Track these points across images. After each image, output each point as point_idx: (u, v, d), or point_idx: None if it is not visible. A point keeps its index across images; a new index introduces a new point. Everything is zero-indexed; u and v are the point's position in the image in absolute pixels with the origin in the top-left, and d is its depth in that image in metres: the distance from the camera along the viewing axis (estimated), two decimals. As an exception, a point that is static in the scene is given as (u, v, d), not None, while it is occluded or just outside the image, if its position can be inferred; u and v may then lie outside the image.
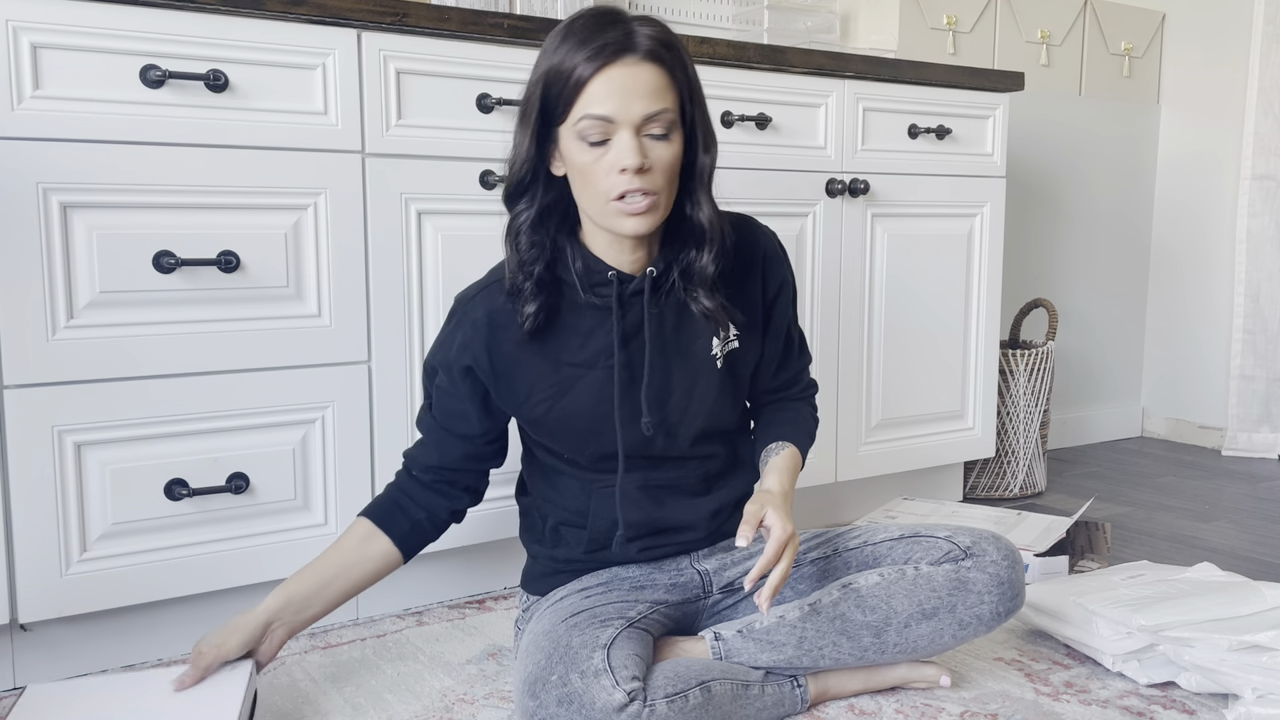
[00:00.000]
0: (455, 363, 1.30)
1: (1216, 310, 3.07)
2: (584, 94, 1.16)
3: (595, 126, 1.16)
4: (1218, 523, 2.30)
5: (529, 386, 1.30)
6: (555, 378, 1.30)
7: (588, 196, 1.21)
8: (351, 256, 1.55)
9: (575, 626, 1.23)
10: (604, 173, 1.18)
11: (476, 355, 1.29)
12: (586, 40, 1.16)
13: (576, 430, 1.31)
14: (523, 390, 1.31)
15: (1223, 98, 3.03)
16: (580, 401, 1.30)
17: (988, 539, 1.36)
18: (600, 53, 1.15)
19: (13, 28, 1.30)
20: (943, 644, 1.33)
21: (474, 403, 1.33)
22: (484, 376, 1.30)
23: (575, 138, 1.18)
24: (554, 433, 1.33)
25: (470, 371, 1.30)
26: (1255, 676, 1.30)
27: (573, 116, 1.17)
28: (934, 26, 2.64)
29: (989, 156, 2.25)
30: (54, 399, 1.36)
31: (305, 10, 1.47)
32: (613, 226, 1.22)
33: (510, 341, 1.29)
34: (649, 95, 1.17)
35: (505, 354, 1.29)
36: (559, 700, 1.14)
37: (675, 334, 1.32)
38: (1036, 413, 2.50)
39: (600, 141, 1.17)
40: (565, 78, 1.17)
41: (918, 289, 2.17)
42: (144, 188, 1.39)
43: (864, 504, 2.22)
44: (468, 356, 1.29)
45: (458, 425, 1.35)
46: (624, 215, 1.19)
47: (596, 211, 1.22)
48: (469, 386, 1.31)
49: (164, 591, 1.45)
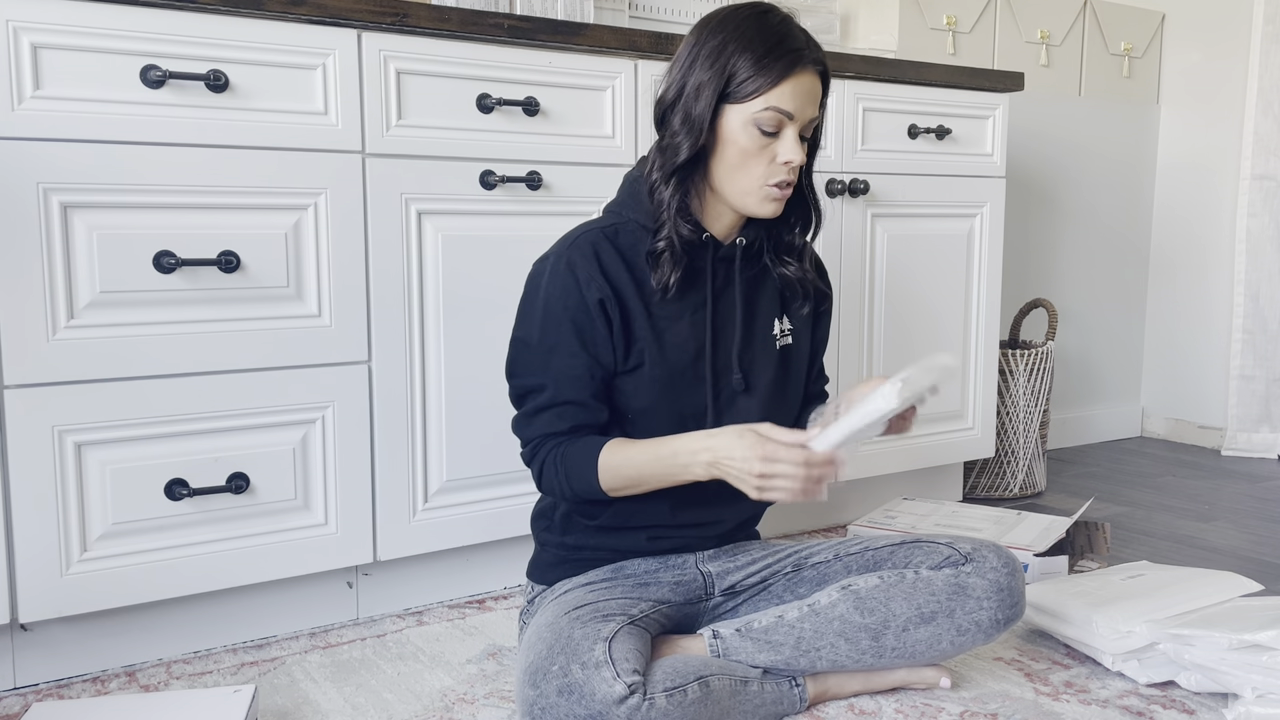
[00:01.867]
0: (587, 298, 1.29)
1: (1216, 310, 3.07)
2: (777, 88, 1.26)
3: (774, 119, 1.27)
4: (1218, 523, 2.30)
5: (632, 331, 1.32)
6: (647, 322, 1.32)
7: (738, 176, 1.30)
8: (351, 256, 1.55)
9: (578, 619, 1.24)
10: (766, 160, 1.29)
11: (603, 288, 1.29)
12: (784, 41, 1.27)
13: (666, 379, 1.33)
14: (630, 334, 1.32)
15: (1222, 98, 3.03)
16: (670, 351, 1.33)
17: (988, 547, 1.36)
18: (798, 58, 1.27)
19: (13, 28, 1.30)
20: (941, 650, 1.33)
21: (608, 339, 1.30)
22: (612, 310, 1.30)
23: (749, 123, 1.27)
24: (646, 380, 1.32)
25: (602, 305, 1.30)
26: (1255, 676, 1.30)
27: (756, 103, 1.26)
28: (934, 26, 2.64)
29: (989, 156, 2.25)
30: (54, 399, 1.36)
31: (305, 10, 1.47)
32: (750, 207, 1.32)
33: (617, 281, 1.31)
34: (815, 103, 1.31)
35: (618, 291, 1.31)
36: (559, 690, 1.14)
37: (746, 304, 1.40)
38: (1036, 413, 2.50)
39: (772, 132, 1.27)
40: (763, 67, 1.26)
41: (918, 289, 2.17)
42: (144, 188, 1.39)
43: (864, 504, 2.22)
44: (595, 290, 1.29)
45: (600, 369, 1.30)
46: (769, 200, 1.31)
47: (741, 190, 1.31)
48: (603, 320, 1.30)
49: (164, 591, 1.45)
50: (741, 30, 1.27)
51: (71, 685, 1.42)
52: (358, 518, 1.59)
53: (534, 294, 1.33)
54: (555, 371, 1.30)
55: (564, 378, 1.30)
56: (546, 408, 1.31)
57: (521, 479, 1.73)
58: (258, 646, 1.56)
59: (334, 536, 1.57)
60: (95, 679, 1.44)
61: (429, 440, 1.65)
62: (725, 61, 1.26)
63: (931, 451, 2.24)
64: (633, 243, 1.33)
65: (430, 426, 1.65)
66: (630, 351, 1.32)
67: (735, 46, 1.26)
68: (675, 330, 1.33)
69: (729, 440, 1.23)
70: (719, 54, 1.27)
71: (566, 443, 1.31)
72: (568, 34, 1.68)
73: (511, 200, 1.68)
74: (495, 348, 1.68)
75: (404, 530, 1.64)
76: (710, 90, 1.27)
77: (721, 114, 1.28)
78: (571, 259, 1.30)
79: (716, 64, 1.27)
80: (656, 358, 1.32)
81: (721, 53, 1.27)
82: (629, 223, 1.35)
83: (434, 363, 1.64)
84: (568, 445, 1.30)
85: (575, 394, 1.30)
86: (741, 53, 1.26)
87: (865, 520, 2.03)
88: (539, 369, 1.31)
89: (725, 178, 1.31)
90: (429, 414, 1.65)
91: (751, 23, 1.28)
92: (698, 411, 1.35)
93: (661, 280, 1.31)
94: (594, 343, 1.30)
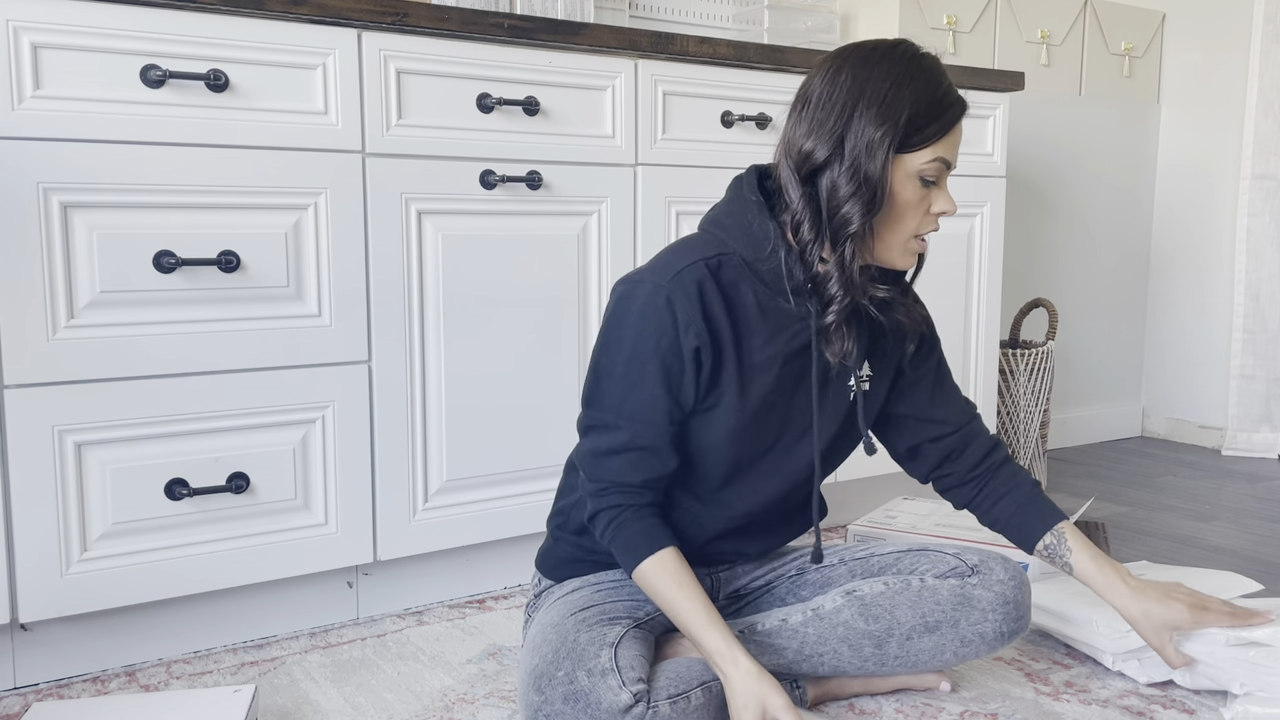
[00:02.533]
0: (682, 343, 1.19)
1: (1216, 310, 3.07)
2: (945, 139, 1.19)
3: (938, 169, 1.19)
4: (1218, 523, 2.30)
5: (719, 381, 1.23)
6: (736, 371, 1.23)
7: (897, 229, 1.21)
8: (352, 256, 1.55)
9: (584, 622, 1.23)
10: (921, 212, 1.21)
11: (701, 335, 1.19)
12: (949, 92, 1.19)
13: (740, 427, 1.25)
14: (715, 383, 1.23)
15: (1223, 98, 3.03)
16: (752, 400, 1.24)
17: (995, 559, 1.35)
18: (960, 108, 1.20)
19: (13, 28, 1.30)
20: (944, 660, 1.32)
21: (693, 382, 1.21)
22: (705, 358, 1.20)
23: (913, 174, 1.18)
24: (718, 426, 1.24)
25: (698, 353, 1.20)
26: (1240, 671, 1.30)
27: (925, 154, 1.18)
28: (934, 26, 2.64)
29: (989, 156, 2.25)
30: (54, 399, 1.36)
31: (305, 10, 1.47)
32: (894, 260, 1.24)
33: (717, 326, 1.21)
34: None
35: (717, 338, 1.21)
36: (565, 697, 1.14)
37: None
38: (1036, 412, 2.50)
39: (932, 182, 1.20)
40: (935, 117, 1.18)
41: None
42: (144, 187, 1.39)
43: (864, 504, 2.22)
44: (693, 336, 1.19)
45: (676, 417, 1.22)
46: (912, 254, 1.24)
47: (888, 244, 1.22)
48: (694, 369, 1.21)
49: (164, 591, 1.45)
50: (910, 75, 1.17)
51: (71, 685, 1.42)
52: (358, 517, 1.59)
53: (622, 320, 1.21)
54: (633, 410, 1.21)
55: (642, 420, 1.21)
56: (621, 451, 1.22)
57: (521, 479, 1.73)
58: (258, 646, 1.56)
59: (334, 536, 1.57)
60: (95, 679, 1.44)
61: (429, 440, 1.65)
62: (900, 112, 1.15)
63: (932, 451, 2.23)
64: (734, 279, 1.22)
65: (430, 426, 1.65)
66: (710, 395, 1.23)
67: (909, 94, 1.16)
68: (760, 381, 1.24)
69: (744, 681, 1.15)
70: (890, 103, 1.15)
71: (630, 517, 1.22)
72: (568, 34, 1.68)
73: (512, 200, 1.68)
74: (496, 347, 1.68)
75: (404, 530, 1.64)
76: (885, 146, 1.15)
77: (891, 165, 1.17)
78: (673, 296, 1.18)
79: (890, 115, 1.15)
80: (735, 405, 1.23)
81: (894, 102, 1.15)
82: (734, 255, 1.22)
83: (434, 362, 1.64)
84: (630, 521, 1.22)
85: (652, 440, 1.21)
86: (915, 101, 1.16)
87: (865, 520, 2.03)
88: (617, 404, 1.22)
89: (878, 232, 1.20)
90: (429, 414, 1.65)
91: (914, 66, 1.17)
92: (756, 456, 1.29)
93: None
94: (679, 387, 1.21)
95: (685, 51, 1.79)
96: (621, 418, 1.21)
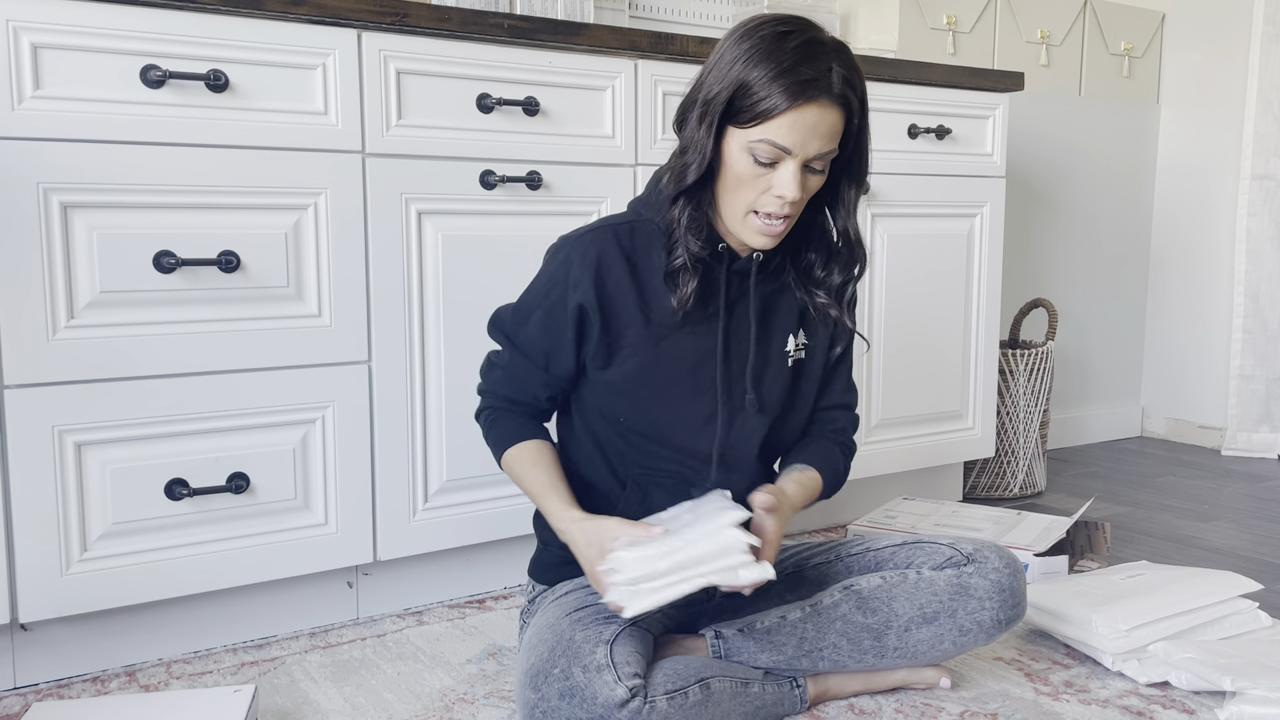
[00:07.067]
0: (568, 299, 1.27)
1: (1216, 310, 3.07)
2: (773, 121, 1.17)
3: (770, 152, 1.19)
4: (1218, 523, 2.30)
5: (623, 337, 1.29)
6: (645, 330, 1.29)
7: (732, 200, 1.24)
8: (351, 256, 1.55)
9: (579, 621, 1.24)
10: (759, 190, 1.22)
11: (585, 295, 1.26)
12: (790, 70, 1.16)
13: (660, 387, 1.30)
14: (618, 340, 1.29)
15: (1222, 98, 3.03)
16: (667, 360, 1.30)
17: (990, 548, 1.36)
18: (801, 91, 1.16)
19: (13, 28, 1.30)
20: (942, 651, 1.33)
21: (573, 343, 1.29)
22: (592, 317, 1.27)
23: (744, 149, 1.20)
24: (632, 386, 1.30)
25: (581, 310, 1.27)
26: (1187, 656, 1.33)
27: (752, 134, 1.19)
28: (934, 26, 2.64)
29: (989, 156, 2.25)
30: (54, 399, 1.36)
31: (305, 10, 1.47)
32: (740, 235, 1.26)
33: (614, 288, 1.28)
34: (825, 137, 1.20)
35: (610, 299, 1.28)
36: (561, 694, 1.14)
37: (761, 320, 1.34)
38: (1036, 413, 2.50)
39: (768, 163, 1.20)
40: (759, 99, 1.17)
41: (918, 289, 2.17)
42: (144, 188, 1.39)
43: (864, 504, 2.22)
44: (579, 294, 1.26)
45: (554, 364, 1.31)
46: (757, 232, 1.24)
47: (731, 215, 1.25)
48: (575, 325, 1.28)
49: (164, 591, 1.45)
50: (758, 48, 1.18)
51: (71, 685, 1.42)
52: (358, 517, 1.59)
53: (543, 267, 1.32)
54: (519, 340, 1.33)
55: (522, 350, 1.32)
56: (503, 367, 1.35)
57: (521, 479, 1.73)
58: (258, 646, 1.56)
59: (334, 536, 1.57)
60: (95, 679, 1.44)
61: (429, 440, 1.65)
62: (734, 83, 1.18)
63: (931, 451, 2.24)
64: (645, 243, 1.29)
65: (430, 426, 1.65)
66: (614, 357, 1.29)
67: (746, 66, 1.18)
68: (675, 339, 1.30)
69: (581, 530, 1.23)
70: (729, 73, 1.19)
71: (502, 415, 1.37)
72: (568, 34, 1.68)
73: (511, 200, 1.68)
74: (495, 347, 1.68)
75: (404, 530, 1.64)
76: (715, 112, 1.20)
77: (725, 134, 1.21)
78: (571, 255, 1.28)
79: (724, 83, 1.19)
80: (650, 364, 1.29)
81: (732, 72, 1.18)
82: (646, 223, 1.30)
83: (434, 362, 1.64)
84: (501, 419, 1.37)
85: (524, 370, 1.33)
86: (751, 78, 1.17)
87: (865, 520, 2.03)
88: (512, 331, 1.33)
89: (723, 197, 1.25)
90: (429, 414, 1.65)
91: (768, 42, 1.18)
92: (704, 422, 1.32)
93: (681, 299, 1.26)
94: (559, 336, 1.29)
95: (685, 51, 1.79)
96: (511, 341, 1.34)
